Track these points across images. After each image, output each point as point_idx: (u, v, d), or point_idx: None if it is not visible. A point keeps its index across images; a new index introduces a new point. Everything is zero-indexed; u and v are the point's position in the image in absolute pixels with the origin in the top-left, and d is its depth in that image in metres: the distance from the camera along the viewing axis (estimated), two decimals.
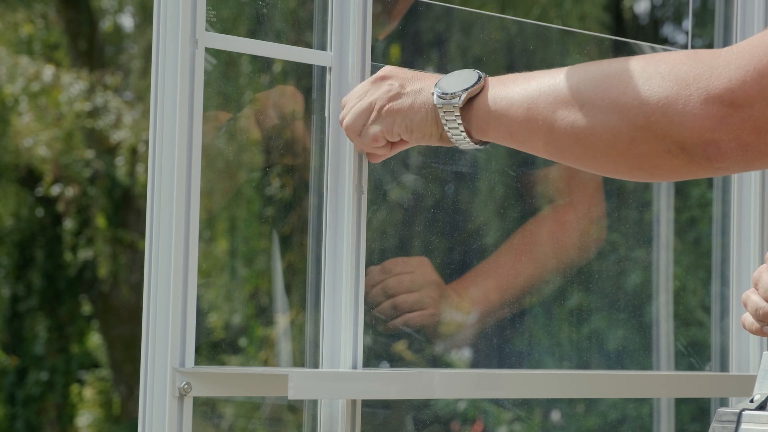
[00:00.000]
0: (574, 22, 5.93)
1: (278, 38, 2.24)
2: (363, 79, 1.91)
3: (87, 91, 9.15)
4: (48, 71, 9.22)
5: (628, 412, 3.93)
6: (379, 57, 2.21)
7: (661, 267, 2.67)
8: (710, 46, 2.56)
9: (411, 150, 2.38)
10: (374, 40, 1.96)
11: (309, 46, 1.97)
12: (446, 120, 1.71)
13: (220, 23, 1.89)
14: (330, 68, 1.92)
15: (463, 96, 1.69)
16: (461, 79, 1.71)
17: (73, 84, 9.16)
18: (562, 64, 2.63)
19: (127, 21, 9.93)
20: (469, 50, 2.52)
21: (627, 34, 7.80)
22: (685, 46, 2.55)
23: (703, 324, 2.72)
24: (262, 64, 2.31)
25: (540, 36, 2.67)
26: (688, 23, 2.75)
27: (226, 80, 2.17)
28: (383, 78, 1.80)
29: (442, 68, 2.49)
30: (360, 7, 1.92)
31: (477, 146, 1.74)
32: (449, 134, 1.72)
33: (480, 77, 1.71)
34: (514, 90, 1.65)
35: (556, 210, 2.50)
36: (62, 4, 9.53)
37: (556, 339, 2.63)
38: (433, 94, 1.73)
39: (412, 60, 2.46)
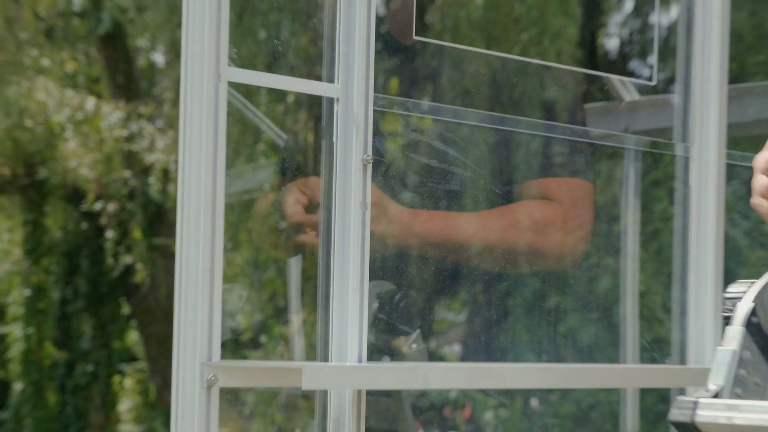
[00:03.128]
0: (552, 58, 5.92)
1: (292, 72, 2.24)
2: (366, 108, 1.92)
3: (124, 120, 9.15)
4: (90, 102, 9.22)
5: (599, 399, 3.92)
6: (380, 89, 2.21)
7: (628, 273, 2.67)
8: (672, 78, 2.56)
9: (408, 170, 2.37)
10: (376, 74, 1.96)
11: (319, 79, 1.97)
12: None
13: (240, 59, 1.89)
14: (337, 99, 1.92)
15: None
16: None
17: (112, 113, 9.17)
18: (540, 95, 2.64)
19: (159, 58, 9.93)
20: (459, 83, 2.52)
21: (599, 68, 7.80)
22: (650, 79, 2.54)
23: (665, 323, 2.72)
24: (278, 95, 2.31)
25: (521, 70, 2.67)
26: (653, 58, 2.75)
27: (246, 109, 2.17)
28: None
29: (436, 98, 2.49)
30: (363, 45, 1.92)
31: None
32: None
33: None
34: None
35: (533, 203, 2.47)
36: (102, 43, 9.53)
37: (536, 336, 2.63)
38: None
39: (408, 92, 2.46)
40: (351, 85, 1.92)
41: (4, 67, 8.92)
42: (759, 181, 1.45)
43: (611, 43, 8.35)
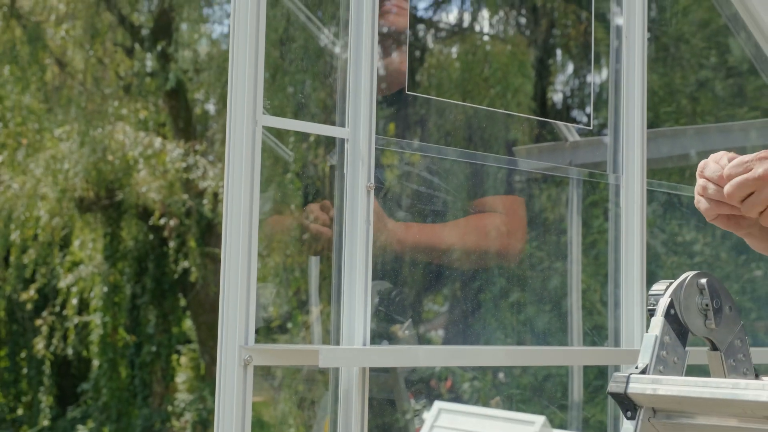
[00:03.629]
0: (513, 108, 5.94)
1: (313, 118, 2.23)
2: (370, 146, 1.91)
3: (183, 155, 9.15)
4: (158, 141, 9.23)
5: (552, 372, 3.90)
6: (381, 131, 2.20)
7: (573, 274, 2.65)
8: (605, 124, 2.55)
9: (402, 195, 2.36)
10: (378, 120, 1.95)
11: (333, 124, 1.96)
12: None
13: (273, 108, 1.88)
14: (347, 139, 1.91)
15: None
16: None
17: (174, 150, 9.17)
18: (505, 138, 2.62)
19: (211, 107, 9.94)
20: (442, 127, 2.51)
21: (549, 115, 7.80)
22: (587, 124, 2.53)
23: (602, 313, 2.70)
24: (302, 135, 2.30)
25: (490, 117, 2.66)
26: (590, 108, 2.74)
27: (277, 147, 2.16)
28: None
29: (424, 139, 2.48)
30: (368, 98, 1.91)
31: None
32: None
33: None
34: None
35: (484, 214, 2.47)
36: (168, 96, 9.55)
37: (502, 323, 2.62)
38: None
39: (403, 133, 2.45)
40: (358, 128, 1.91)
41: (92, 115, 8.93)
42: (697, 182, 1.41)
43: (558, 96, 8.36)
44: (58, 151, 9.19)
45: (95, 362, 10.45)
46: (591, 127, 2.53)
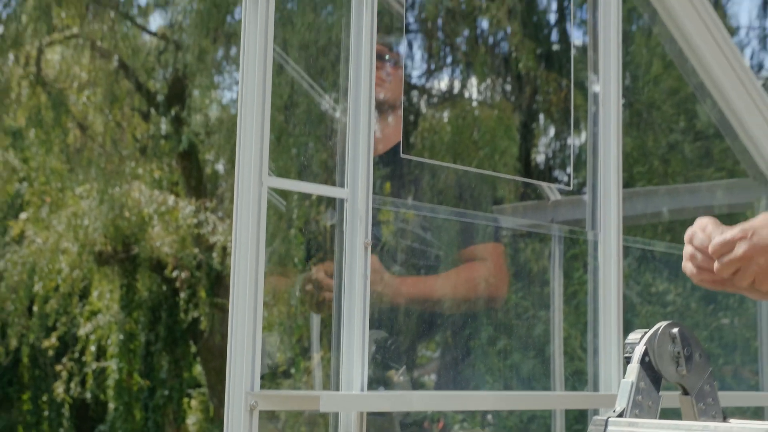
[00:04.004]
0: (500, 168, 5.96)
1: (315, 178, 2.24)
2: (367, 206, 1.91)
3: (195, 211, 9.15)
4: (171, 199, 9.25)
5: (536, 414, 3.87)
6: (378, 190, 2.21)
7: (555, 322, 2.65)
8: (584, 183, 2.56)
9: (398, 250, 2.37)
10: (375, 179, 1.96)
11: (333, 183, 1.97)
12: None
13: (278, 169, 1.89)
14: (346, 199, 1.92)
15: None
16: None
17: (186, 207, 9.18)
18: (492, 197, 2.64)
19: (221, 167, 9.96)
20: (435, 187, 2.52)
21: (532, 176, 7.83)
22: (568, 184, 2.55)
23: (582, 359, 2.69)
24: (304, 195, 2.31)
25: (478, 177, 2.67)
26: (570, 168, 2.75)
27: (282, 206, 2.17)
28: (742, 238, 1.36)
29: (418, 197, 2.49)
30: (365, 160, 1.92)
31: None
32: None
33: None
34: None
35: (471, 264, 2.47)
36: (181, 157, 9.57)
37: (490, 368, 2.61)
38: None
39: (398, 191, 2.46)
40: (356, 189, 1.91)
41: (111, 174, 8.95)
42: (686, 248, 1.43)
43: (541, 157, 8.40)
44: (79, 208, 9.20)
45: (111, 405, 10.36)
46: (571, 187, 2.54)
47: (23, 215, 9.79)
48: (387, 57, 2.35)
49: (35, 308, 9.86)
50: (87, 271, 9.62)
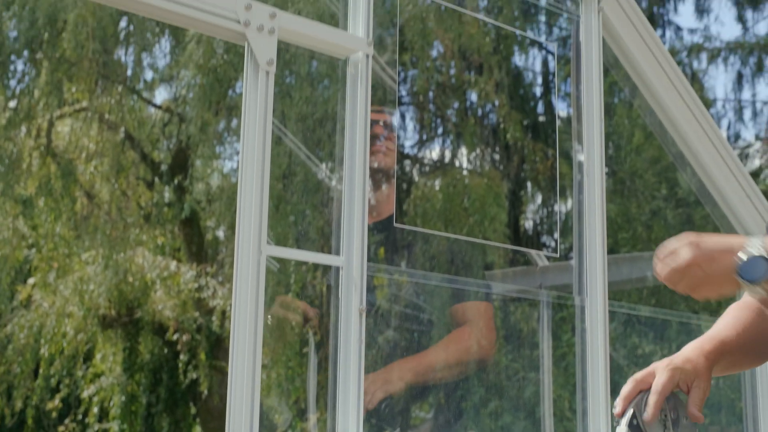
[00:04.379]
0: (490, 234, 5.97)
1: (312, 244, 2.24)
2: (362, 273, 1.90)
3: (196, 276, 9.14)
4: (173, 265, 9.23)
5: None
6: (372, 255, 2.20)
7: (545, 384, 2.62)
8: (570, 248, 2.56)
9: (391, 314, 2.35)
10: (369, 246, 1.96)
11: (330, 249, 1.96)
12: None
13: (276, 235, 1.89)
14: (342, 266, 1.91)
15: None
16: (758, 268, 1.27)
17: (188, 272, 9.16)
18: (483, 262, 2.63)
19: (221, 234, 9.96)
20: (427, 252, 2.52)
21: (521, 242, 7.84)
22: (555, 251, 2.54)
23: (572, 420, 2.66)
24: (302, 261, 2.30)
25: (468, 244, 2.67)
26: (557, 233, 2.75)
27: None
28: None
29: (411, 262, 2.48)
30: (360, 228, 1.92)
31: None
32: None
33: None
34: None
35: (461, 329, 2.45)
36: (183, 224, 9.58)
37: (482, 430, 2.57)
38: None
39: (392, 258, 2.45)
40: (351, 257, 1.91)
41: (116, 241, 8.94)
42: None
43: (529, 223, 8.42)
44: (85, 274, 9.17)
45: None
46: (558, 255, 2.54)
47: (31, 280, 9.75)
48: (383, 123, 2.37)
49: (41, 370, 9.76)
50: (91, 335, 9.54)
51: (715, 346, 1.45)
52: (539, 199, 8.32)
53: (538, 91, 9.01)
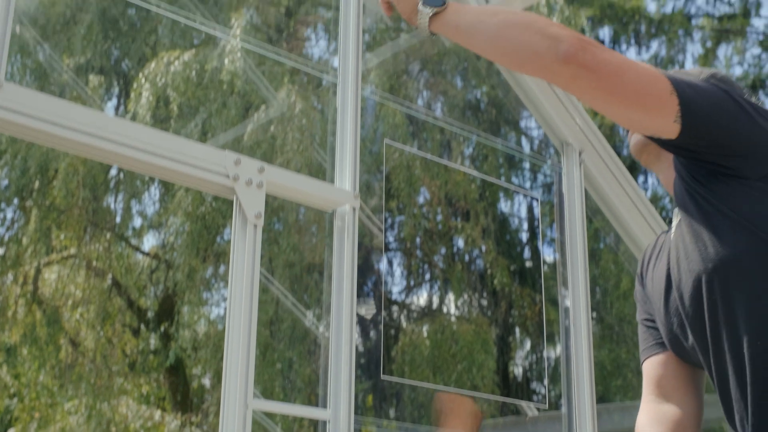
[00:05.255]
0: (479, 382, 5.89)
1: (299, 393, 2.20)
2: (350, 427, 1.87)
3: (180, 426, 8.95)
4: (157, 414, 9.05)
5: None
6: (360, 403, 2.17)
7: None
8: (560, 395, 2.53)
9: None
10: (357, 393, 1.93)
11: (317, 397, 1.94)
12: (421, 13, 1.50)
13: (262, 385, 1.86)
14: (329, 420, 1.88)
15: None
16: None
17: (172, 422, 8.98)
18: None
19: (207, 382, 9.80)
20: (415, 400, 2.48)
21: (510, 390, 7.74)
22: (544, 399, 2.51)
23: None
24: (293, 417, 2.26)
25: (458, 392, 2.63)
26: (546, 381, 2.72)
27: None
28: None
29: (400, 410, 2.44)
30: (347, 381, 1.90)
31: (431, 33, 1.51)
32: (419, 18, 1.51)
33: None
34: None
35: None
36: (167, 371, 9.45)
37: None
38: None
39: (380, 404, 2.41)
40: (338, 410, 1.88)
41: (100, 390, 8.81)
42: None
43: (518, 370, 8.33)
44: (67, 424, 8.97)
45: None
46: (547, 406, 2.51)
47: (11, 431, 9.51)
48: None
49: None
50: None
51: None
52: (528, 345, 8.28)
53: (524, 236, 9.12)
